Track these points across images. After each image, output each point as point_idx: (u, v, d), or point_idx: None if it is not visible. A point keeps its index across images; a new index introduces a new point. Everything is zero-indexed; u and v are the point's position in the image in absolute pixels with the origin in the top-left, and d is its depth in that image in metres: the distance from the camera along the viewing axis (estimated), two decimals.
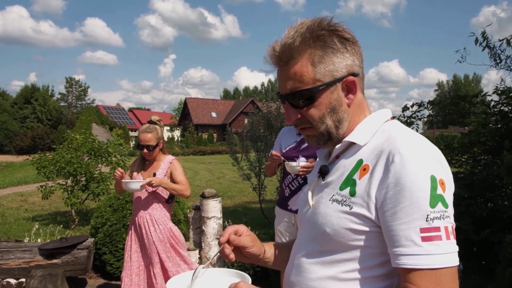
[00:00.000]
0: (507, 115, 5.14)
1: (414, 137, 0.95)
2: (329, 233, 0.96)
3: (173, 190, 3.23)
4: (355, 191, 0.94)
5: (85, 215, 7.88)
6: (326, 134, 1.02)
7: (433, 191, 0.86)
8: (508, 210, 4.32)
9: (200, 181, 15.29)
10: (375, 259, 0.94)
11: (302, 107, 1.01)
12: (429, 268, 0.83)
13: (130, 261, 3.30)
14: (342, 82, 1.00)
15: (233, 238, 1.08)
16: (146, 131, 3.25)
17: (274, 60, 1.02)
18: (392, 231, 0.87)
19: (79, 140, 7.32)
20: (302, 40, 0.97)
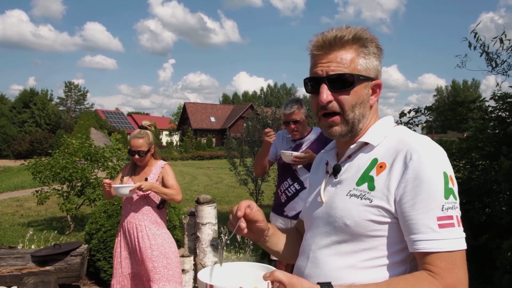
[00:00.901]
0: (504, 121, 5.12)
1: (425, 139, 1.07)
2: (349, 225, 1.05)
3: (164, 194, 3.19)
4: (374, 186, 1.04)
5: (80, 220, 7.82)
6: (351, 123, 1.11)
7: (446, 185, 0.98)
8: (506, 215, 4.28)
9: (198, 186, 15.24)
10: (392, 248, 1.03)
11: (339, 90, 1.09)
12: (446, 251, 0.95)
13: (121, 268, 3.25)
14: (372, 83, 1.13)
15: (249, 212, 1.16)
16: (137, 137, 3.22)
17: (325, 43, 1.10)
18: (411, 219, 0.98)
19: (75, 144, 7.28)
20: (354, 36, 1.10)
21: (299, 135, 3.29)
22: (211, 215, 3.94)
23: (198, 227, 3.96)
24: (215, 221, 3.99)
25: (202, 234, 3.93)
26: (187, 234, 4.13)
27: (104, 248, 4.59)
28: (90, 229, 4.83)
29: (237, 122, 46.40)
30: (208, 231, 3.94)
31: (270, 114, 7.51)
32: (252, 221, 1.19)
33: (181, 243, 4.47)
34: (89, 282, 4.76)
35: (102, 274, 4.57)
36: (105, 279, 4.54)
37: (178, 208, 5.40)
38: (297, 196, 3.22)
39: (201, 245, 3.94)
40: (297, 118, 3.21)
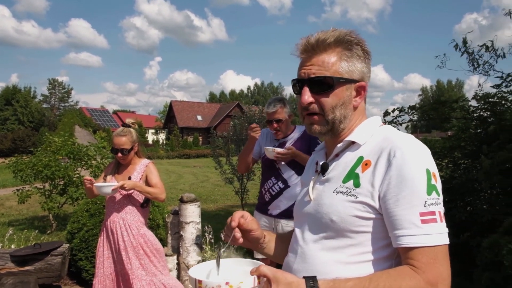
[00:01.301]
0: (486, 120, 5.20)
1: (409, 137, 1.10)
2: (335, 221, 1.08)
3: (148, 193, 3.15)
4: (359, 182, 1.08)
5: (63, 219, 7.69)
6: (331, 123, 1.16)
7: (428, 181, 1.01)
8: (486, 214, 4.35)
9: (183, 184, 15.15)
10: (377, 243, 1.06)
11: (319, 92, 1.14)
12: (428, 245, 0.97)
13: (103, 268, 3.21)
14: (356, 85, 1.16)
15: (242, 222, 1.21)
16: (120, 135, 3.18)
17: (307, 47, 1.15)
18: (395, 215, 1.01)
19: (58, 142, 7.16)
20: (336, 39, 1.13)
21: (282, 134, 3.29)
22: (194, 214, 3.92)
23: (181, 226, 3.94)
24: (198, 220, 3.97)
25: (186, 233, 3.91)
26: (170, 233, 4.10)
27: (86, 248, 4.53)
28: (72, 228, 4.76)
29: (224, 120, 46.27)
30: (191, 230, 3.91)
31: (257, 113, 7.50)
32: (246, 230, 1.23)
33: (164, 242, 4.43)
34: (71, 282, 4.69)
35: (84, 273, 4.51)
36: (86, 279, 4.48)
37: (162, 207, 5.36)
38: (281, 195, 3.22)
39: (184, 244, 3.91)
40: (280, 117, 3.20)
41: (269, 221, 3.31)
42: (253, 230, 1.24)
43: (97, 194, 3.27)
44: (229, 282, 0.92)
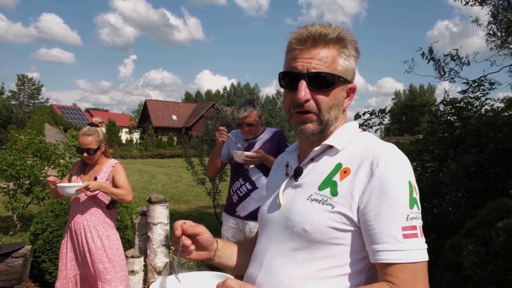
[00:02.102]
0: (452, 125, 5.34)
1: (392, 147, 1.04)
2: (308, 231, 1.00)
3: (113, 194, 3.08)
4: (337, 191, 1.00)
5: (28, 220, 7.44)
6: (325, 124, 1.08)
7: (410, 194, 0.96)
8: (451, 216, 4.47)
9: (156, 185, 14.96)
10: (350, 257, 0.99)
11: (318, 89, 1.05)
12: (409, 262, 0.92)
13: (66, 270, 3.11)
14: (347, 86, 1.11)
15: (186, 227, 1.09)
16: (86, 134, 3.10)
17: (307, 39, 1.05)
18: (375, 229, 0.94)
19: (24, 141, 6.93)
20: (337, 36, 1.06)
21: (252, 135, 3.28)
22: (163, 214, 3.86)
23: (149, 227, 3.87)
24: (167, 221, 3.91)
25: (153, 234, 3.84)
26: (138, 234, 4.02)
27: (50, 249, 4.39)
28: (36, 229, 4.60)
29: (199, 120, 45.98)
30: (159, 231, 3.85)
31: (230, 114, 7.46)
32: (193, 235, 1.11)
33: (132, 243, 4.34)
34: (33, 285, 4.53)
35: (47, 276, 4.36)
36: (50, 281, 4.34)
37: (131, 208, 5.25)
38: (248, 196, 3.20)
39: (152, 246, 3.85)
40: (251, 120, 3.18)
41: (237, 223, 3.29)
42: (201, 233, 1.13)
43: (62, 195, 3.17)
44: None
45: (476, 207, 4.13)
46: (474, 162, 4.43)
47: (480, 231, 2.64)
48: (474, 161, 4.41)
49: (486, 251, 2.52)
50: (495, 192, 4.54)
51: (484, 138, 4.75)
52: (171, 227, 3.93)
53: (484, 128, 4.70)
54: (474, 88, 5.10)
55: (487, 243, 2.55)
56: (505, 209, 2.67)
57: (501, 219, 2.59)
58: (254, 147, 3.24)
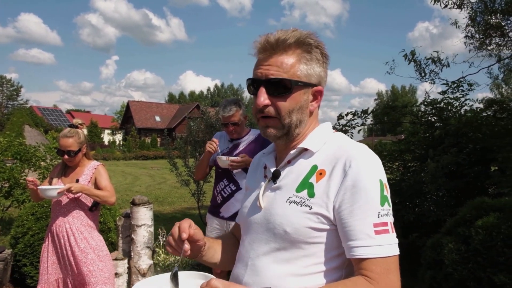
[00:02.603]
0: (433, 125, 5.45)
1: (363, 147, 1.09)
2: (289, 232, 1.05)
3: (96, 196, 3.04)
4: (313, 192, 1.05)
5: (8, 223, 7.29)
6: (287, 128, 1.12)
7: (381, 192, 1.02)
8: (432, 215, 4.55)
9: (140, 186, 14.81)
10: (329, 254, 1.05)
11: (276, 95, 1.09)
12: (381, 256, 0.97)
13: (47, 274, 3.06)
14: (313, 89, 1.13)
15: (192, 233, 1.10)
16: (67, 136, 3.05)
17: (267, 46, 1.09)
18: (349, 226, 0.99)
19: (3, 143, 6.78)
20: (296, 41, 1.09)
21: (237, 135, 3.28)
22: (146, 216, 3.83)
23: (133, 229, 3.84)
24: (151, 223, 3.88)
25: (137, 236, 3.81)
26: (121, 237, 3.98)
27: (31, 253, 4.31)
28: (16, 232, 4.51)
29: (183, 121, 45.71)
30: (143, 233, 3.82)
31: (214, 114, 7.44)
32: (193, 241, 1.14)
33: (115, 245, 4.30)
34: None
35: (29, 280, 4.28)
36: (31, 285, 4.26)
37: (114, 210, 5.19)
38: (232, 197, 3.21)
39: (135, 248, 3.82)
40: (236, 120, 3.19)
41: (221, 224, 3.29)
42: (200, 241, 1.16)
43: (42, 198, 3.12)
44: None
45: (456, 205, 4.22)
46: (453, 161, 4.53)
47: (460, 229, 2.70)
48: (453, 160, 4.51)
49: (466, 248, 2.58)
50: (475, 191, 4.64)
51: (464, 138, 4.86)
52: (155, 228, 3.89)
53: (463, 128, 4.81)
54: (454, 89, 5.21)
55: (467, 241, 2.61)
56: (484, 207, 2.74)
57: (480, 217, 2.66)
58: (239, 148, 3.25)
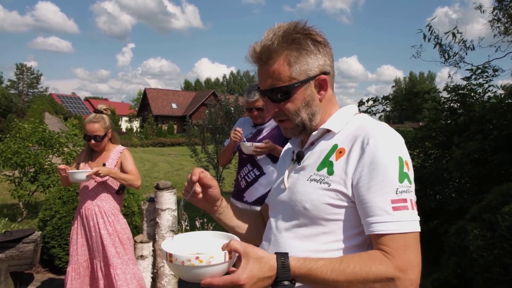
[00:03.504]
0: (456, 112, 5.37)
1: (383, 125, 1.10)
2: (308, 208, 1.08)
3: (123, 180, 3.12)
4: (333, 170, 1.07)
5: (34, 207, 7.52)
6: (301, 125, 1.16)
7: (401, 169, 1.01)
8: (454, 202, 4.53)
9: (158, 173, 15.02)
10: (348, 232, 1.06)
11: (279, 102, 1.14)
12: (399, 232, 0.97)
13: (77, 255, 3.17)
14: (315, 80, 1.14)
15: (203, 176, 1.18)
16: (93, 121, 3.12)
17: (254, 60, 1.15)
18: (367, 203, 1.00)
19: (28, 129, 6.95)
20: (279, 42, 1.09)
21: (261, 120, 3.30)
22: (170, 201, 3.90)
23: (157, 213, 3.91)
24: (174, 207, 3.95)
25: (162, 220, 3.89)
26: (146, 220, 4.07)
27: (59, 235, 4.46)
28: (44, 215, 4.67)
29: (199, 109, 45.93)
30: (167, 217, 3.90)
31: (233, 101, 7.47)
32: (206, 186, 1.20)
33: (139, 229, 4.40)
34: (43, 270, 4.61)
35: (57, 261, 4.44)
36: (59, 266, 4.42)
37: (137, 195, 5.31)
38: (256, 182, 3.24)
39: (160, 231, 3.90)
40: (260, 105, 3.20)
41: (245, 208, 3.34)
42: (212, 187, 1.21)
43: (72, 182, 3.21)
44: (199, 256, 0.91)
45: (479, 193, 4.19)
46: (479, 148, 4.47)
47: (485, 216, 2.69)
48: (479, 147, 4.45)
49: (492, 235, 2.57)
50: (499, 178, 4.58)
51: (488, 125, 4.79)
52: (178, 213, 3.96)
53: (488, 115, 4.73)
54: (478, 75, 5.11)
55: (493, 227, 2.60)
56: (510, 194, 2.72)
57: (506, 204, 2.64)
58: (262, 134, 3.28)
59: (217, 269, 0.93)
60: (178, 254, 0.92)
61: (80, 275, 3.17)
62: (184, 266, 0.91)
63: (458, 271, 2.75)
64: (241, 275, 0.92)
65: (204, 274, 0.92)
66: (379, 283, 0.95)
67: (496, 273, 2.49)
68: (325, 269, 0.96)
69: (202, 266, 0.91)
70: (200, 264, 0.90)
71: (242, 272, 0.93)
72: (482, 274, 2.55)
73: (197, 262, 0.90)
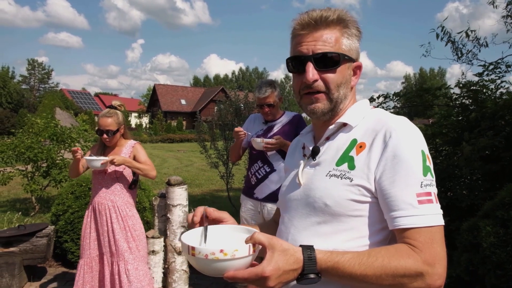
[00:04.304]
0: (467, 108, 5.31)
1: (403, 119, 1.08)
2: (329, 205, 1.05)
3: (138, 169, 3.15)
4: (354, 165, 1.05)
5: (46, 202, 7.63)
6: (335, 102, 1.13)
7: (424, 163, 1.01)
8: (466, 199, 4.49)
9: (168, 168, 15.10)
10: (371, 228, 1.04)
11: (324, 69, 1.10)
12: (426, 226, 0.96)
13: (89, 249, 3.21)
14: (353, 64, 1.15)
15: (210, 211, 1.14)
16: (106, 116, 3.15)
17: (307, 21, 1.10)
18: (391, 197, 0.99)
19: (40, 124, 7.04)
20: (338, 16, 1.11)
21: (271, 116, 3.31)
22: (182, 196, 3.93)
23: (168, 209, 3.95)
24: (186, 203, 3.98)
25: (173, 216, 3.92)
26: (157, 216, 4.11)
27: (72, 230, 4.52)
28: (57, 210, 4.73)
29: (208, 105, 46.03)
30: (178, 212, 3.93)
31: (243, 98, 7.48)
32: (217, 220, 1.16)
33: (151, 224, 4.45)
34: (56, 264, 4.68)
35: (69, 255, 4.50)
36: (72, 260, 4.48)
37: (149, 190, 5.36)
38: (266, 179, 3.25)
39: (171, 227, 3.93)
40: (271, 101, 3.21)
41: (255, 205, 3.35)
42: (225, 220, 1.17)
43: (81, 173, 3.24)
44: (223, 250, 0.88)
45: (491, 189, 4.15)
46: (489, 145, 4.42)
47: (498, 212, 2.67)
48: (489, 143, 4.40)
49: (505, 231, 2.55)
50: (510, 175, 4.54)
51: (500, 121, 4.73)
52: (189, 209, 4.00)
53: (500, 111, 4.67)
54: (490, 70, 5.05)
55: (506, 224, 2.58)
56: None
57: None
58: (273, 130, 3.28)
59: (241, 262, 0.91)
60: (201, 247, 0.91)
61: (92, 269, 3.20)
62: (207, 259, 0.89)
63: (471, 268, 2.74)
64: (266, 267, 0.90)
65: (227, 267, 0.90)
66: (408, 278, 0.93)
67: (509, 270, 2.48)
68: (353, 262, 0.94)
69: (226, 260, 0.89)
70: (224, 257, 0.88)
71: (267, 264, 0.90)
72: (495, 271, 2.54)
73: (222, 255, 0.88)
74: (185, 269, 3.72)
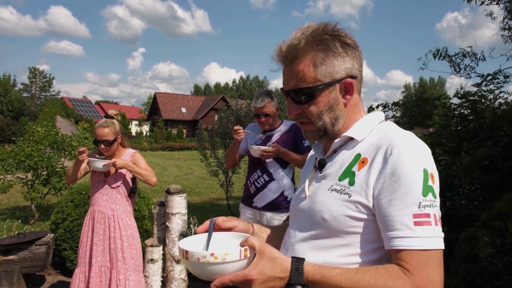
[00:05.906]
0: (466, 118, 5.34)
1: (409, 135, 1.05)
2: (327, 219, 1.04)
3: (139, 174, 3.16)
4: (354, 181, 1.03)
5: (46, 210, 7.62)
6: (323, 129, 1.12)
7: (425, 182, 0.96)
8: (464, 209, 4.49)
9: (167, 177, 15.11)
10: (367, 246, 1.02)
11: (303, 103, 1.10)
12: (420, 249, 0.92)
13: (85, 258, 3.20)
14: (341, 83, 1.10)
15: (219, 222, 1.17)
16: (103, 126, 3.15)
17: (280, 59, 1.11)
18: (387, 216, 0.96)
19: (41, 132, 7.07)
20: (306, 42, 1.06)
21: (269, 126, 3.33)
22: (181, 205, 3.93)
23: (167, 217, 3.95)
24: (185, 211, 3.99)
25: (172, 224, 3.92)
26: (156, 224, 4.11)
27: (71, 238, 4.52)
28: (56, 218, 4.74)
29: (209, 113, 46.11)
30: (177, 221, 3.93)
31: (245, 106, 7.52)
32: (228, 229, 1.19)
33: (150, 233, 4.45)
34: (55, 272, 4.68)
35: (68, 263, 4.50)
36: (71, 268, 4.47)
37: (148, 199, 5.36)
38: (265, 188, 3.27)
39: (170, 235, 3.93)
40: (268, 111, 3.24)
41: (254, 214, 3.36)
42: (234, 226, 1.20)
43: (78, 178, 3.24)
44: (214, 253, 0.92)
45: (490, 200, 4.16)
46: (488, 155, 4.44)
47: (496, 223, 2.68)
48: (488, 154, 4.42)
49: (502, 242, 2.56)
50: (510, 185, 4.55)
51: (498, 132, 4.76)
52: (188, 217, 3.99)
53: (498, 122, 4.70)
54: (488, 81, 5.09)
55: (503, 234, 2.59)
56: None
57: None
58: (272, 139, 3.31)
59: (232, 266, 0.93)
60: (193, 251, 0.94)
61: (86, 278, 3.18)
62: (199, 263, 0.92)
63: (468, 278, 2.74)
64: (252, 271, 0.93)
65: (220, 271, 0.93)
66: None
67: (507, 280, 2.48)
68: (340, 278, 0.94)
69: (217, 263, 0.92)
70: (215, 261, 0.91)
71: (253, 268, 0.94)
72: (492, 281, 2.54)
73: (212, 258, 0.91)
74: (183, 278, 3.71)
